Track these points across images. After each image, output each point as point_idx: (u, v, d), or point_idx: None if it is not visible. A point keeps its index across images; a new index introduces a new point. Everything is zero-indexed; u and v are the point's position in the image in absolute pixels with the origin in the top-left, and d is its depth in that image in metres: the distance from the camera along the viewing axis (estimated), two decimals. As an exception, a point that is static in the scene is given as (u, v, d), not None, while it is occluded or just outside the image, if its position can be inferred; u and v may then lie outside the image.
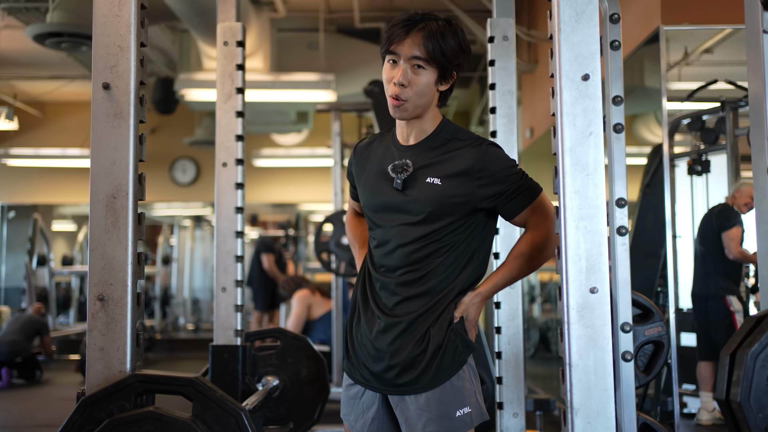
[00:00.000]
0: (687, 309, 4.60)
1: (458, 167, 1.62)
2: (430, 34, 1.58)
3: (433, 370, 1.62)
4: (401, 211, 1.66)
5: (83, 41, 5.24)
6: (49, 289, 9.17)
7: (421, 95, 1.62)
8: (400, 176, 1.64)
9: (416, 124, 1.68)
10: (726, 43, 4.51)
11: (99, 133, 1.53)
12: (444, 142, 1.67)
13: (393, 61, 1.61)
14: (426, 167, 1.65)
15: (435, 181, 1.62)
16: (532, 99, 6.50)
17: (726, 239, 4.29)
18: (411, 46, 1.59)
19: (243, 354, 2.49)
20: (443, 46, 1.59)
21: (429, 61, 1.59)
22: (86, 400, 1.37)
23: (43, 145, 9.57)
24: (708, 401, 4.30)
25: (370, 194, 1.73)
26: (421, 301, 1.64)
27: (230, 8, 2.64)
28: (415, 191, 1.64)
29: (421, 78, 1.60)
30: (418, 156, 1.67)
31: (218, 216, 2.58)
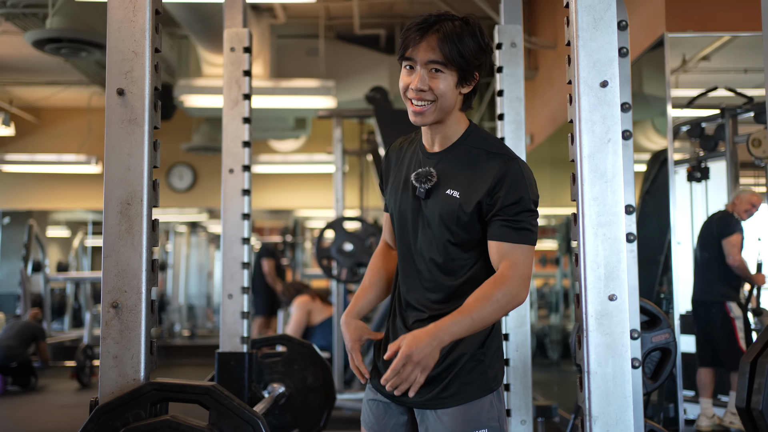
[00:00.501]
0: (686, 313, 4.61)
1: (479, 179, 1.56)
2: (446, 36, 1.51)
3: (455, 387, 1.57)
4: (422, 222, 1.62)
5: (83, 47, 5.23)
6: (44, 295, 9.11)
7: (443, 99, 1.55)
8: (423, 186, 1.58)
9: (440, 130, 1.62)
10: (723, 50, 4.53)
11: (113, 139, 1.52)
12: (470, 152, 1.60)
13: (410, 67, 1.56)
14: (448, 178, 1.59)
15: (454, 194, 1.56)
16: (532, 105, 6.51)
17: (727, 246, 4.31)
18: (426, 50, 1.52)
19: (249, 361, 2.48)
20: (461, 48, 1.52)
21: (447, 65, 1.52)
22: (101, 408, 1.35)
23: (39, 150, 9.54)
24: (708, 407, 4.30)
25: (394, 201, 1.69)
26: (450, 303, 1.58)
27: (237, 14, 2.64)
28: (435, 202, 1.59)
29: (440, 83, 1.53)
30: (442, 165, 1.61)
31: (224, 223, 2.57)
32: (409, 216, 1.64)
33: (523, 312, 2.45)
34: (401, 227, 1.66)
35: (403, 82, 1.58)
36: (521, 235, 1.53)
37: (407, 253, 1.65)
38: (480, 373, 1.59)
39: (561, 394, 5.65)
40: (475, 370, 1.58)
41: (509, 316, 2.45)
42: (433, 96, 1.54)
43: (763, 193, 4.71)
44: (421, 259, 1.62)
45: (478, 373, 1.58)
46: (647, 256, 4.43)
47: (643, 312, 2.53)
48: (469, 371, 1.57)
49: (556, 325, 6.90)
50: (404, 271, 1.66)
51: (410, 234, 1.64)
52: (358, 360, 1.65)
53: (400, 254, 1.68)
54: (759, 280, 4.50)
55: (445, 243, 1.58)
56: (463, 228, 1.56)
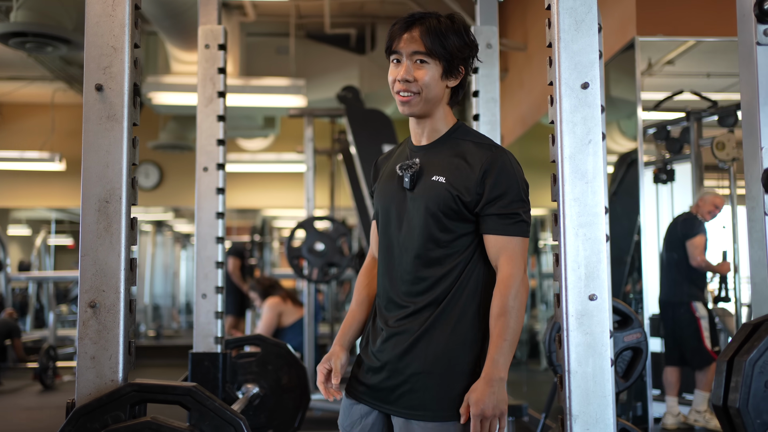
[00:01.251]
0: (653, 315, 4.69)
1: (466, 165, 1.56)
2: (429, 30, 1.56)
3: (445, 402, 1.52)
4: (407, 212, 1.61)
5: (48, 41, 5.11)
6: (5, 295, 8.90)
7: (429, 89, 1.57)
8: (406, 174, 1.60)
9: (427, 123, 1.64)
10: (688, 55, 4.63)
11: (91, 136, 1.49)
12: (456, 143, 1.62)
13: (396, 60, 1.60)
14: (434, 165, 1.59)
15: (440, 179, 1.56)
16: (502, 107, 6.56)
17: (690, 247, 4.39)
18: (410, 41, 1.56)
19: (223, 361, 2.45)
20: (443, 41, 1.56)
21: (431, 55, 1.56)
22: (80, 410, 1.32)
23: (1, 147, 9.32)
24: (673, 405, 4.38)
25: (380, 196, 1.69)
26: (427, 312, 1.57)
27: (212, 11, 2.61)
28: (420, 191, 1.59)
29: (425, 73, 1.56)
30: (428, 155, 1.62)
31: (198, 221, 2.54)
32: (393, 210, 1.63)
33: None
34: (385, 222, 1.66)
35: (391, 76, 1.60)
36: (517, 227, 1.54)
37: (390, 248, 1.64)
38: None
39: (530, 394, 5.70)
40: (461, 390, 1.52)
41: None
42: (418, 87, 1.57)
43: (727, 195, 4.82)
44: (404, 253, 1.60)
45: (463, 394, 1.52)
46: (615, 257, 4.50)
47: (616, 312, 2.57)
48: (462, 391, 1.52)
49: (525, 325, 6.97)
50: (386, 266, 1.64)
51: (394, 227, 1.63)
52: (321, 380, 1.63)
53: (382, 251, 1.67)
54: (724, 269, 4.59)
55: (429, 234, 1.57)
56: (448, 216, 1.56)
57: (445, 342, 1.54)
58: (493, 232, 1.54)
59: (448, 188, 1.55)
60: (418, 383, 1.53)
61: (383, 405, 1.58)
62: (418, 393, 1.53)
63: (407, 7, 6.33)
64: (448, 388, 1.52)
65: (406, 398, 1.54)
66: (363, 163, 4.75)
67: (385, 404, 1.57)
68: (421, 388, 1.53)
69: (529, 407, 4.56)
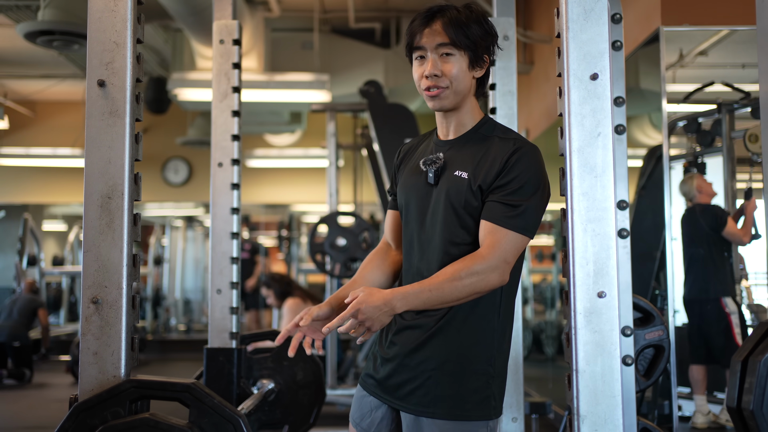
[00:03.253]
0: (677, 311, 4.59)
1: (490, 158, 1.53)
2: (451, 21, 1.53)
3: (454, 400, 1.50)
4: (431, 206, 1.58)
5: (75, 39, 5.18)
6: (40, 289, 9.08)
7: (458, 81, 1.54)
8: (431, 169, 1.56)
9: (454, 117, 1.61)
10: (721, 45, 4.50)
11: (94, 132, 1.49)
12: (482, 139, 1.58)
13: (420, 57, 1.56)
14: (457, 160, 1.56)
15: (463, 175, 1.53)
16: (527, 100, 6.48)
17: (729, 236, 4.27)
18: (434, 35, 1.53)
19: (238, 357, 2.45)
20: (466, 31, 1.53)
21: (456, 46, 1.53)
22: (79, 406, 1.32)
23: (34, 144, 9.49)
24: (702, 404, 4.28)
25: (404, 190, 1.66)
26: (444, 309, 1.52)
27: (226, 6, 2.60)
28: (443, 185, 1.56)
29: (452, 66, 1.54)
30: (454, 149, 1.59)
31: (213, 217, 2.54)
32: (416, 204, 1.61)
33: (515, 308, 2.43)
34: (408, 217, 1.64)
35: (416, 74, 1.57)
36: (511, 219, 1.48)
37: (412, 243, 1.61)
38: (483, 396, 1.52)
39: (556, 391, 5.63)
40: (479, 391, 1.52)
41: (501, 313, 2.42)
42: (447, 81, 1.54)
43: (760, 189, 4.68)
44: (426, 247, 1.57)
45: (481, 394, 1.52)
46: (643, 252, 4.41)
47: (637, 309, 2.51)
48: (474, 390, 1.51)
49: (552, 321, 6.88)
50: (410, 259, 1.62)
51: (416, 222, 1.60)
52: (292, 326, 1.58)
53: (406, 243, 1.64)
54: (750, 207, 4.46)
55: (451, 229, 1.54)
56: (469, 212, 1.53)
57: (459, 340, 1.52)
58: (488, 218, 1.50)
59: (470, 182, 1.52)
60: (430, 380, 1.52)
61: (393, 400, 1.57)
62: (430, 390, 1.51)
63: (432, 1, 6.27)
64: (461, 386, 1.51)
65: (417, 395, 1.52)
66: (386, 158, 4.72)
67: (394, 399, 1.56)
68: (432, 384, 1.51)
69: (554, 404, 4.50)
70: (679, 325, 4.41)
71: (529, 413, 3.92)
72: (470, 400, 1.50)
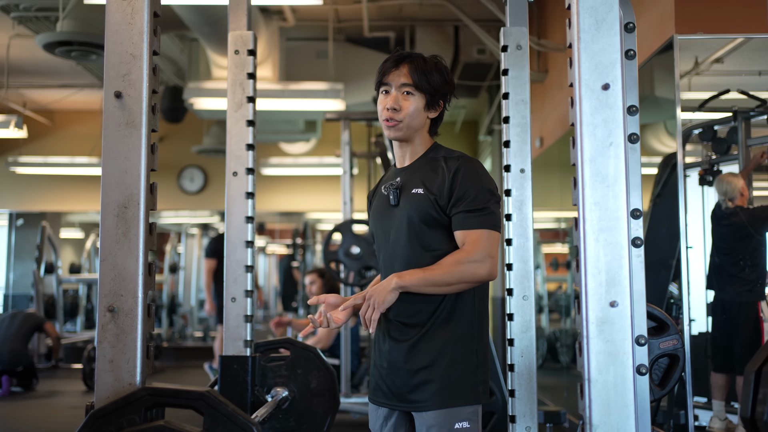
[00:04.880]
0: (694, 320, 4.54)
1: (440, 174, 1.79)
2: (416, 67, 1.81)
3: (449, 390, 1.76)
4: (392, 225, 1.83)
5: (93, 50, 5.25)
6: (57, 296, 9.17)
7: (412, 117, 1.81)
8: (391, 191, 1.84)
9: (409, 147, 1.87)
10: (737, 52, 4.48)
11: (110, 142, 1.51)
12: (432, 160, 1.85)
13: (386, 92, 1.84)
14: (413, 180, 1.83)
15: (419, 191, 1.79)
16: (542, 108, 6.47)
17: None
18: (400, 75, 1.81)
19: (252, 365, 2.47)
20: (428, 77, 1.81)
21: (417, 88, 1.80)
22: (96, 413, 1.34)
23: (52, 153, 9.60)
24: (720, 410, 4.24)
25: (373, 216, 1.93)
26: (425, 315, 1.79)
27: (241, 17, 2.63)
28: (404, 204, 1.81)
29: (410, 103, 1.81)
30: (409, 173, 1.85)
31: (228, 225, 2.56)
32: (382, 225, 1.87)
33: (528, 317, 2.43)
34: (378, 238, 1.90)
35: (380, 105, 1.85)
36: (480, 220, 1.74)
37: (385, 257, 1.87)
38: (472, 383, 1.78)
39: (571, 400, 5.60)
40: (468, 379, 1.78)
41: (514, 321, 2.42)
42: (403, 115, 1.81)
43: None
44: (395, 262, 1.82)
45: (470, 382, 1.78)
46: (658, 260, 4.38)
47: (651, 318, 2.49)
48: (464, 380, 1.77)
49: (567, 330, 6.85)
50: (384, 274, 1.87)
51: (384, 239, 1.86)
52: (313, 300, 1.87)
53: (381, 264, 1.90)
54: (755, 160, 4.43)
55: (414, 243, 1.79)
56: (428, 224, 1.78)
57: (444, 339, 1.77)
58: (459, 227, 1.76)
59: (427, 195, 1.78)
60: (424, 377, 1.75)
61: (400, 404, 1.80)
62: (428, 385, 1.75)
63: (446, 9, 6.29)
64: (452, 377, 1.75)
65: (417, 393, 1.76)
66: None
67: (401, 402, 1.79)
68: (427, 381, 1.75)
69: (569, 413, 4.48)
70: (695, 334, 4.37)
71: (544, 422, 3.91)
72: (462, 388, 1.75)
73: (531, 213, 2.40)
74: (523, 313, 2.42)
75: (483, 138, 8.74)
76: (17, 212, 10.57)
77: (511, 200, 2.37)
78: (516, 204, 2.38)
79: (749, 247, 4.26)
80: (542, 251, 8.24)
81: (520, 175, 2.40)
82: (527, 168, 2.41)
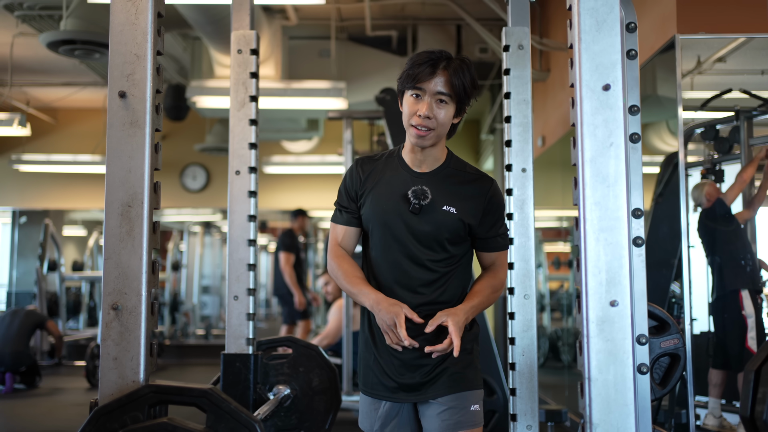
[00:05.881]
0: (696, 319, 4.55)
1: (472, 195, 1.84)
2: (455, 72, 1.75)
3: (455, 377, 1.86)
4: (417, 233, 1.83)
5: (96, 48, 5.26)
6: (60, 294, 9.19)
7: (444, 126, 1.79)
8: (421, 202, 1.80)
9: (430, 153, 1.85)
10: (739, 52, 4.47)
11: (115, 142, 1.52)
12: (455, 173, 1.87)
13: (417, 95, 1.77)
14: (442, 195, 1.83)
15: (451, 210, 1.81)
16: (543, 107, 6.48)
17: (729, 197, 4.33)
18: (437, 82, 1.75)
19: (255, 363, 2.48)
20: (464, 82, 1.77)
21: (452, 96, 1.77)
22: (100, 410, 1.36)
23: (55, 151, 9.62)
24: (716, 407, 4.25)
25: (381, 214, 1.86)
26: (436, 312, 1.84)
27: (244, 16, 2.64)
28: (430, 217, 1.81)
29: (444, 112, 1.77)
30: (434, 184, 1.84)
31: (231, 224, 2.58)
32: (401, 230, 1.84)
33: (530, 316, 2.44)
34: (386, 238, 1.86)
35: (410, 108, 1.78)
36: (506, 242, 1.94)
37: (397, 263, 1.85)
38: (478, 368, 1.92)
39: (572, 399, 5.61)
40: (475, 364, 1.91)
41: (516, 320, 2.43)
42: (435, 124, 1.77)
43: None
44: (413, 266, 1.84)
45: (477, 366, 1.91)
46: (660, 260, 4.39)
47: (652, 317, 2.50)
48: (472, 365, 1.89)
49: (569, 329, 6.86)
50: (391, 275, 1.86)
51: (401, 245, 1.84)
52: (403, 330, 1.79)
53: (386, 261, 1.86)
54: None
55: (435, 251, 1.83)
56: (454, 242, 1.83)
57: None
58: (492, 249, 1.91)
59: (461, 218, 1.81)
60: (439, 369, 1.83)
61: (412, 395, 1.84)
62: (440, 377, 1.83)
63: (448, 8, 6.30)
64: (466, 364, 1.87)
65: (433, 384, 1.83)
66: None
67: (412, 395, 1.85)
68: (443, 372, 1.83)
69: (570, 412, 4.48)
70: (696, 333, 4.38)
71: (545, 421, 3.91)
72: (472, 373, 1.87)
73: (532, 212, 2.41)
74: (525, 312, 2.43)
75: (485, 137, 8.74)
76: (20, 210, 10.60)
77: (512, 199, 2.38)
78: (518, 203, 2.39)
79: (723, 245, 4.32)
80: (544, 250, 8.25)
81: (522, 174, 2.41)
82: (529, 167, 2.42)
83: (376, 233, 1.88)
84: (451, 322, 1.74)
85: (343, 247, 1.95)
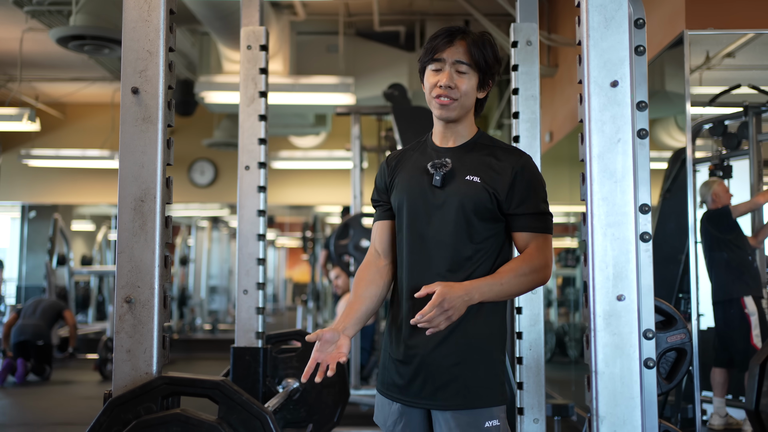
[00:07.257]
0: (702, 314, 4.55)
1: (498, 166, 1.69)
2: (474, 42, 1.70)
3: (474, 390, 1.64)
4: (439, 208, 1.69)
5: (105, 44, 5.29)
6: (69, 288, 9.25)
7: (467, 96, 1.70)
8: (439, 172, 1.68)
9: (455, 128, 1.75)
10: (749, 47, 4.46)
11: (127, 137, 1.54)
12: (483, 148, 1.74)
13: (436, 69, 1.70)
14: (465, 166, 1.70)
15: (475, 179, 1.67)
16: (551, 103, 6.47)
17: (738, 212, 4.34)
18: (455, 52, 1.69)
19: (264, 356, 2.50)
20: (484, 53, 1.70)
21: (472, 66, 1.69)
22: (114, 401, 1.38)
23: (64, 146, 9.66)
24: (721, 407, 4.26)
25: (406, 192, 1.74)
26: None
27: (254, 12, 2.66)
28: (453, 189, 1.68)
29: (464, 82, 1.69)
30: (457, 156, 1.72)
31: (240, 219, 2.60)
32: (422, 203, 1.71)
33: (537, 311, 2.45)
34: (412, 217, 1.72)
35: (430, 82, 1.71)
36: (543, 225, 1.68)
37: (421, 243, 1.70)
38: (500, 381, 1.68)
39: (579, 393, 5.62)
40: (497, 377, 1.67)
41: (523, 315, 2.45)
42: (458, 94, 1.69)
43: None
44: (438, 247, 1.68)
45: (498, 380, 1.67)
46: (667, 255, 4.39)
47: (659, 312, 2.51)
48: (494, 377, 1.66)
49: (576, 324, 6.86)
50: (417, 260, 1.71)
51: (423, 223, 1.70)
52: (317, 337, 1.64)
53: (408, 245, 1.72)
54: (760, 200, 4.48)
55: (462, 231, 1.67)
56: (481, 215, 1.67)
57: (474, 333, 1.65)
58: (524, 230, 1.68)
59: (485, 187, 1.66)
60: (453, 374, 1.63)
61: (419, 400, 1.67)
62: (456, 384, 1.63)
63: (456, 4, 6.30)
64: (483, 376, 1.64)
65: (444, 391, 1.63)
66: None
67: (421, 399, 1.66)
68: (457, 378, 1.63)
69: (577, 406, 4.49)
70: (703, 329, 4.38)
71: (552, 415, 3.92)
72: (491, 387, 1.65)
73: (540, 207, 2.42)
74: (532, 306, 2.45)
75: (493, 132, 8.74)
76: (30, 204, 10.66)
77: (520, 195, 2.39)
78: (525, 198, 2.40)
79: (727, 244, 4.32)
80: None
81: (530, 169, 2.42)
82: (536, 163, 2.43)
83: (401, 214, 1.76)
84: (439, 291, 1.54)
85: (379, 248, 1.82)
